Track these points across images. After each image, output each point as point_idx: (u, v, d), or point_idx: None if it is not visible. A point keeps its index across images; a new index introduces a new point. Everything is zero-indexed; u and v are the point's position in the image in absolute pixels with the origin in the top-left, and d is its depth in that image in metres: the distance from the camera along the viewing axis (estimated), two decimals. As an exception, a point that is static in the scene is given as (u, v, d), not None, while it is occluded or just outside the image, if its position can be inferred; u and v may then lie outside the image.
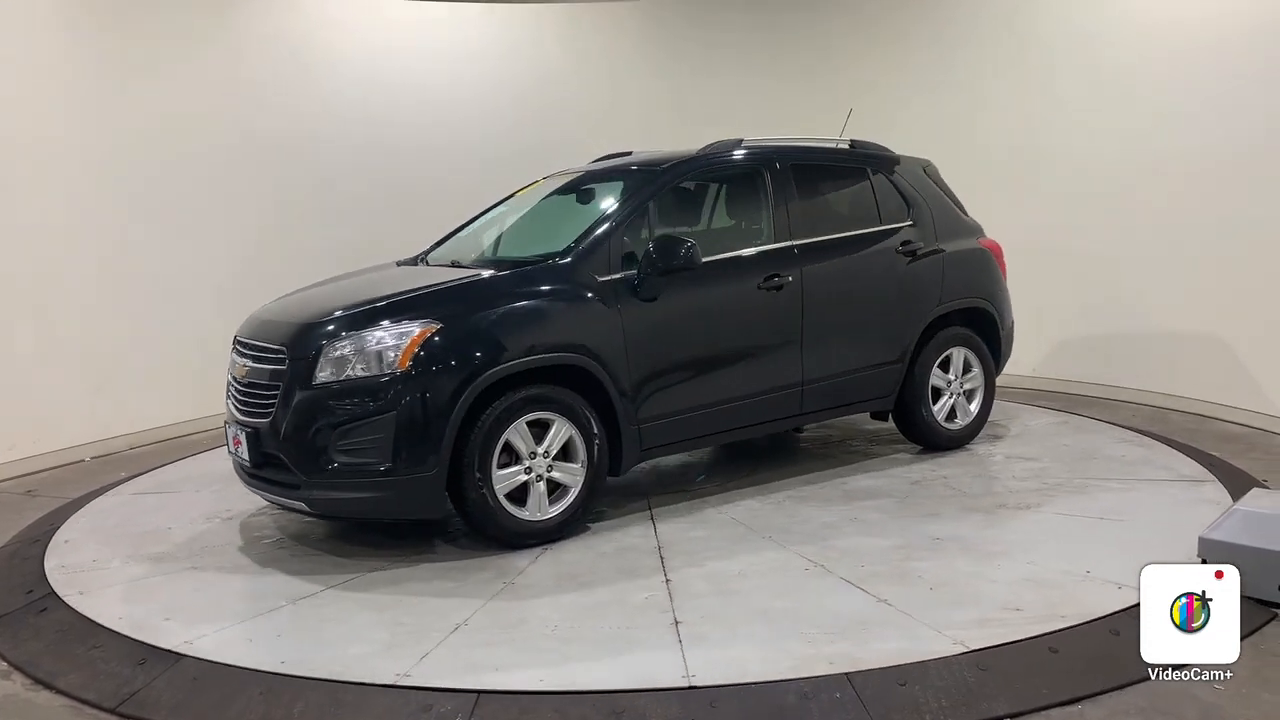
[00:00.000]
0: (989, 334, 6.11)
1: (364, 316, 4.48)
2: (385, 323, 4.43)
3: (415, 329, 4.37)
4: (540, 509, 4.59)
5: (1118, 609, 3.62)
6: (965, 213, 6.18)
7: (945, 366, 5.91)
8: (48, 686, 3.51)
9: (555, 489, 4.66)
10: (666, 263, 4.79)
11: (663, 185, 5.32)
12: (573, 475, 4.67)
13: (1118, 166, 7.19)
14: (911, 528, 4.65)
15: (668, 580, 4.15)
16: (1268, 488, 5.03)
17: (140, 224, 7.13)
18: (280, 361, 4.47)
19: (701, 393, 5.07)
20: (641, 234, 5.09)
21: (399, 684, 3.31)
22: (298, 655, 3.57)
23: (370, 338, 4.37)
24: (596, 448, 4.69)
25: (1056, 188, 7.59)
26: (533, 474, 4.56)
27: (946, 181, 6.25)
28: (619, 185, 5.45)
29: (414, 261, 5.64)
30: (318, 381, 4.34)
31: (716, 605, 3.87)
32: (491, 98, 8.76)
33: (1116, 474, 5.37)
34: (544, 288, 4.75)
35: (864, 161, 5.89)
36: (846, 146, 5.94)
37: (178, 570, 4.50)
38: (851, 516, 4.85)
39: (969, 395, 6.05)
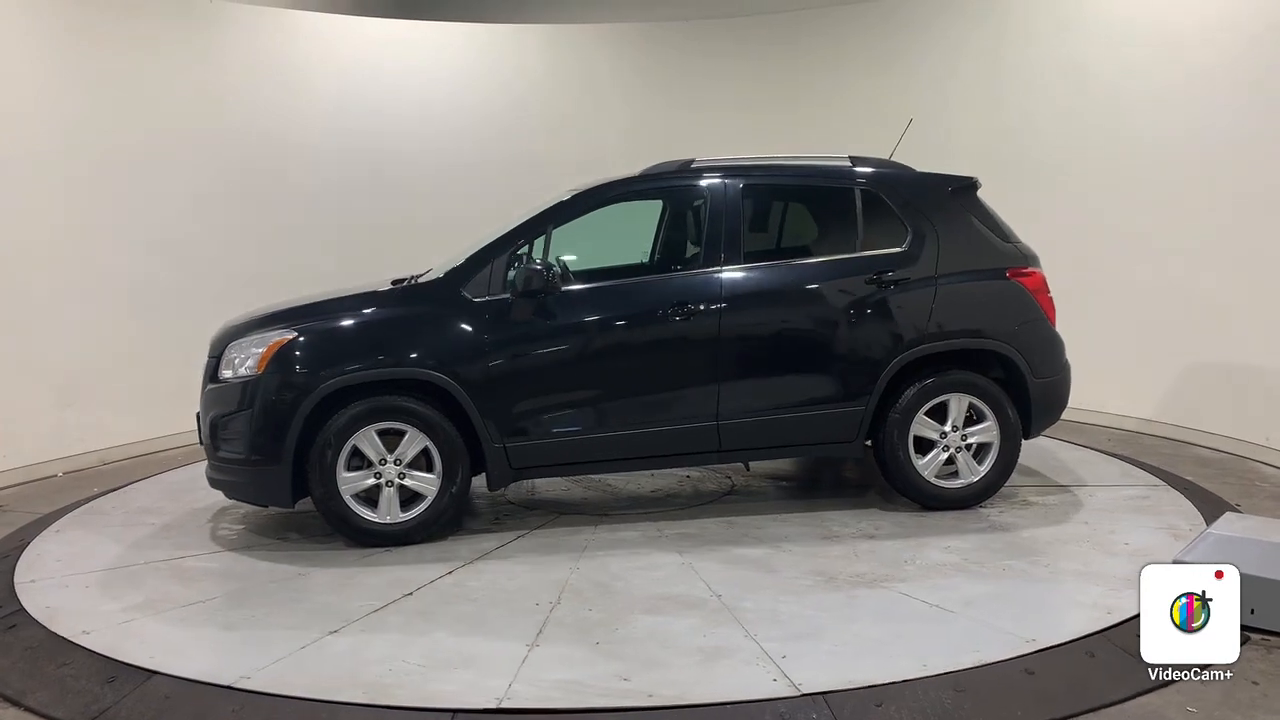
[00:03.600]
0: (1013, 383, 5.24)
1: (254, 324, 5.01)
2: (260, 330, 4.92)
3: (273, 337, 4.84)
4: (390, 513, 4.86)
5: (739, 699, 3.26)
6: (1007, 239, 5.36)
7: (943, 415, 5.20)
8: (16, 704, 3.46)
9: (415, 496, 4.90)
10: (526, 286, 4.85)
11: (572, 210, 5.18)
12: (428, 485, 4.87)
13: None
14: (718, 582, 4.31)
15: (409, 594, 4.28)
16: (1240, 511, 5.08)
17: (113, 237, 7.10)
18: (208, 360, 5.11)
19: (582, 418, 5.00)
20: (550, 257, 5.05)
21: (377, 703, 3.30)
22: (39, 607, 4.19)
23: (245, 343, 4.91)
24: (453, 461, 4.84)
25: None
26: (382, 479, 4.82)
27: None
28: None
29: (409, 279, 5.62)
30: (219, 379, 4.96)
31: (377, 619, 4.03)
32: (474, 116, 8.79)
33: (1067, 565, 4.46)
34: (408, 305, 5.04)
35: (851, 181, 5.31)
36: (845, 164, 5.40)
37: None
38: (688, 563, 4.57)
39: (977, 451, 5.24)
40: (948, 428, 5.19)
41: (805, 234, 5.60)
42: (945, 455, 5.21)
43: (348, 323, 5.00)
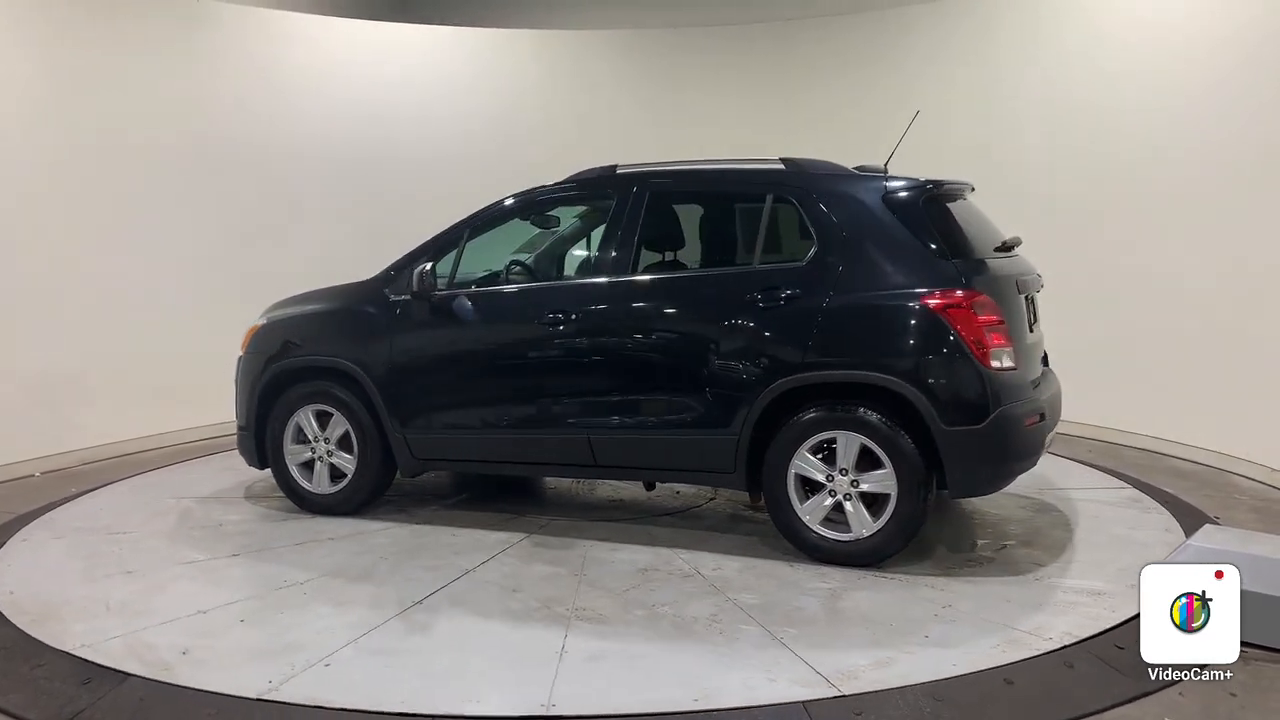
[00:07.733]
0: (920, 427, 4.37)
1: (265, 311, 5.77)
2: (261, 317, 5.72)
3: (254, 323, 5.69)
4: (321, 485, 5.50)
5: (211, 689, 3.39)
6: (949, 256, 4.46)
7: (834, 455, 4.51)
8: (-12, 706, 3.45)
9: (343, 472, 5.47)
10: (411, 289, 5.16)
11: (489, 217, 5.37)
12: (348, 464, 5.42)
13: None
14: (445, 595, 4.26)
15: (235, 555, 4.87)
16: (1219, 524, 5.12)
17: (93, 237, 7.04)
18: None
19: (467, 417, 5.23)
20: (463, 261, 5.33)
21: (364, 708, 3.27)
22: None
23: (249, 327, 5.70)
24: (368, 444, 5.33)
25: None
26: (315, 455, 5.46)
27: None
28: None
29: None
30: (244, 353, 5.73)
31: (179, 569, 4.65)
32: (463, 120, 8.79)
33: (743, 648, 3.72)
34: (346, 302, 5.49)
35: (766, 187, 4.86)
36: (777, 168, 4.94)
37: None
38: (467, 574, 4.51)
39: (871, 501, 4.49)
40: (837, 470, 4.51)
41: (709, 243, 5.35)
42: (832, 501, 4.55)
43: (299, 316, 5.61)
